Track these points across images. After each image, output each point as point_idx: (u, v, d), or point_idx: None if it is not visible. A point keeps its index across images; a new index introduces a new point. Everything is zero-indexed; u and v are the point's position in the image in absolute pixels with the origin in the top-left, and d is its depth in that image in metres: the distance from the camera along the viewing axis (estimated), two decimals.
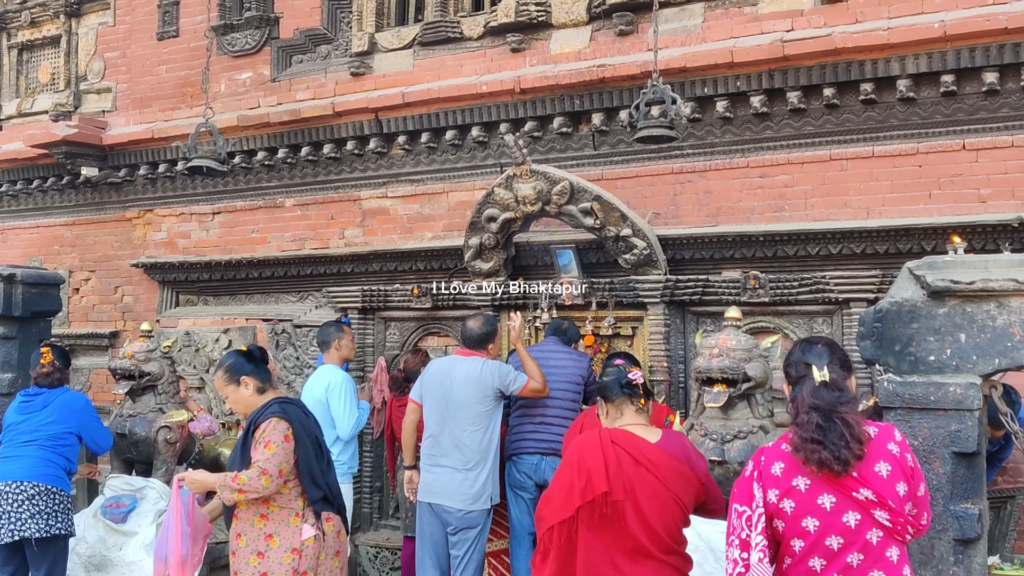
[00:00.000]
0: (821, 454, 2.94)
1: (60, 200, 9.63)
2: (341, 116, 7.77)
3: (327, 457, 4.72)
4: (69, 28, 9.75)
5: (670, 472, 3.73)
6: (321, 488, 4.57)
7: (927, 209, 6.01)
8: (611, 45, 6.96)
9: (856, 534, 2.96)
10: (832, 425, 2.95)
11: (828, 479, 2.98)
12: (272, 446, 4.36)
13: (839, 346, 3.35)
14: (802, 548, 3.00)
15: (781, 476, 3.06)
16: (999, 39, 5.62)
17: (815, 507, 2.99)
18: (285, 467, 4.38)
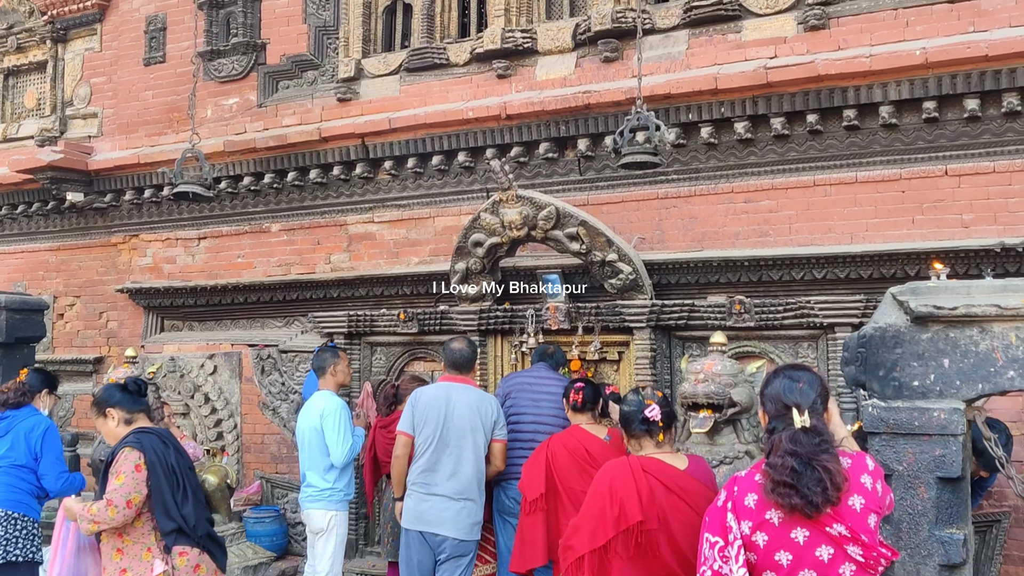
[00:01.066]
0: (793, 499, 2.92)
1: (45, 225, 9.62)
2: (327, 141, 7.79)
3: (188, 488, 4.57)
4: (55, 54, 9.77)
5: (701, 499, 3.71)
6: (174, 520, 4.45)
7: (910, 234, 6.04)
8: (596, 71, 7.00)
9: (829, 568, 2.95)
10: (811, 471, 2.92)
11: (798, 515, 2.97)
12: (121, 476, 4.33)
13: (820, 379, 3.30)
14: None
15: (754, 508, 3.04)
16: (980, 66, 5.67)
17: (788, 541, 2.98)
18: (135, 497, 4.33)
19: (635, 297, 6.52)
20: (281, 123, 8.11)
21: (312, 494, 6.02)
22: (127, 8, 9.21)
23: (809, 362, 6.21)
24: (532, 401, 5.96)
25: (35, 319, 7.39)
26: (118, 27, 9.32)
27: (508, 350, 7.11)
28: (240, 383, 8.45)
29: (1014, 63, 5.59)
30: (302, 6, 8.32)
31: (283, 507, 7.80)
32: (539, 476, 5.31)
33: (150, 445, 4.46)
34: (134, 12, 9.14)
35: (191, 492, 4.56)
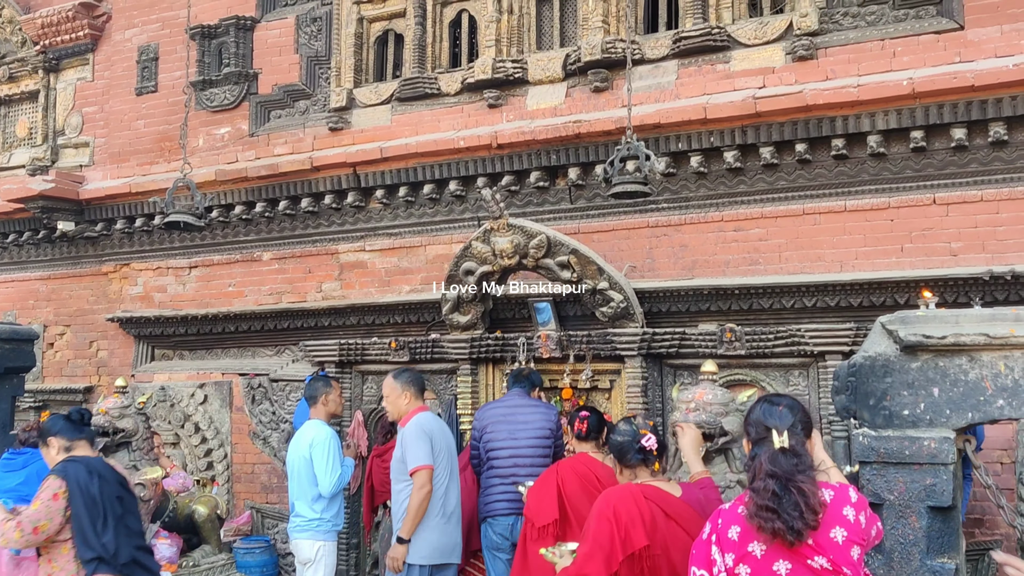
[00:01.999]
0: (775, 524, 2.93)
1: (36, 254, 9.59)
2: (319, 170, 7.79)
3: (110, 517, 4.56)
4: (47, 83, 9.79)
5: (696, 526, 3.72)
6: (94, 548, 4.46)
7: (899, 263, 6.07)
8: (586, 101, 7.03)
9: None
10: (788, 495, 2.93)
11: (781, 546, 2.97)
12: (37, 503, 4.43)
13: (801, 406, 3.32)
14: None
15: (737, 540, 3.04)
16: (966, 96, 5.72)
17: (771, 573, 2.97)
18: (44, 524, 4.39)
19: (626, 325, 6.53)
20: (273, 152, 8.13)
21: (300, 524, 5.99)
22: (119, 38, 9.24)
23: (800, 391, 6.24)
24: (509, 434, 5.91)
25: (25, 349, 7.36)
26: (110, 57, 9.35)
27: (499, 379, 7.09)
28: (231, 412, 8.42)
29: (1000, 93, 5.65)
30: (294, 36, 8.36)
31: (273, 537, 7.75)
32: (551, 502, 5.26)
33: (73, 474, 4.50)
34: (126, 42, 9.17)
35: (113, 521, 4.55)
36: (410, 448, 5.37)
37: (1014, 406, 3.47)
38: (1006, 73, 5.58)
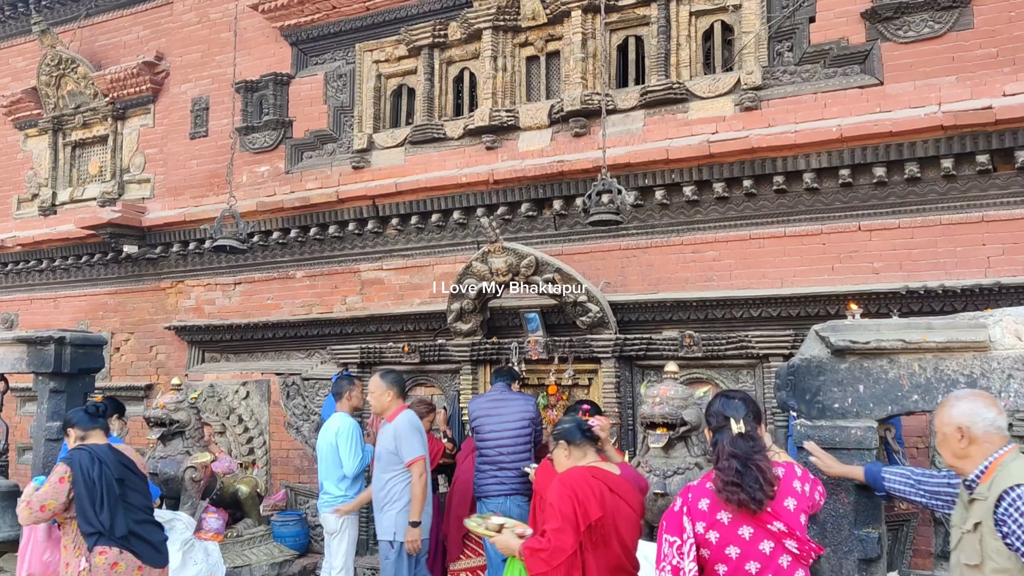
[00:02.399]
0: (740, 495, 2.98)
1: (104, 273, 9.55)
2: (344, 202, 7.78)
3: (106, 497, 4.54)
4: (115, 129, 9.77)
5: (635, 499, 3.74)
6: (92, 524, 4.45)
7: (830, 279, 6.07)
8: (568, 144, 7.02)
9: (770, 559, 3.00)
10: (748, 471, 2.99)
11: (745, 513, 3.01)
12: (46, 485, 4.46)
13: (753, 400, 3.38)
14: (725, 572, 3.03)
15: (707, 511, 3.07)
16: (885, 140, 5.75)
17: (736, 537, 3.01)
18: (51, 503, 4.43)
19: (602, 332, 6.52)
20: (305, 187, 8.10)
21: (328, 500, 5.97)
22: (176, 91, 9.23)
23: (748, 387, 6.23)
24: (494, 424, 5.83)
25: (95, 353, 7.34)
26: (168, 107, 9.33)
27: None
28: (269, 406, 8.38)
29: (914, 137, 5.68)
30: (323, 90, 8.35)
31: (305, 512, 7.70)
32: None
33: (78, 461, 4.51)
34: (182, 95, 9.16)
35: (111, 500, 4.53)
36: (406, 441, 5.28)
37: (926, 400, 3.50)
38: (918, 121, 5.62)
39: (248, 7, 8.38)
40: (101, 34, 9.93)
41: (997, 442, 2.88)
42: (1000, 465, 2.82)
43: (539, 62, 7.45)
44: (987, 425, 2.89)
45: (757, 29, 6.44)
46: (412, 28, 7.77)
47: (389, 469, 5.34)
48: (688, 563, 3.02)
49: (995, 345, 3.43)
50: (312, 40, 8.38)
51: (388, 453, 5.33)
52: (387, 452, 5.33)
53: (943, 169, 5.71)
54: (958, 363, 3.48)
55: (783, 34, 6.44)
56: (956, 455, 2.93)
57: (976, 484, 2.87)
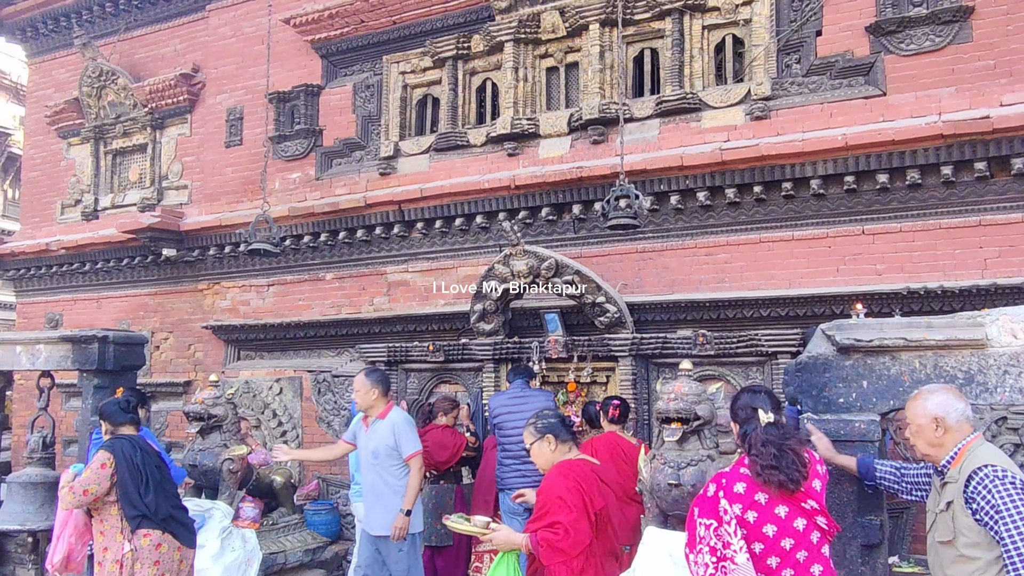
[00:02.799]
0: (779, 477, 3.02)
1: (145, 275, 9.60)
2: (371, 207, 7.82)
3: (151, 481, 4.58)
4: (154, 138, 9.81)
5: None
6: (137, 507, 4.49)
7: (835, 281, 6.10)
8: (587, 151, 7.06)
9: (803, 536, 3.03)
10: (784, 455, 3.04)
11: (782, 494, 3.05)
12: (88, 471, 4.48)
13: (773, 393, 3.44)
14: (762, 549, 3.03)
15: (744, 493, 3.08)
16: (888, 148, 5.78)
17: (774, 516, 3.04)
18: (93, 488, 4.44)
19: (619, 332, 6.57)
20: (334, 193, 8.14)
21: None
22: (212, 102, 9.29)
23: (757, 382, 6.20)
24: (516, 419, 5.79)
25: (136, 351, 7.36)
26: (204, 117, 9.39)
27: None
28: (301, 401, 8.43)
29: (915, 146, 5.72)
30: (351, 100, 8.41)
31: (336, 501, 7.74)
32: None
33: (119, 448, 4.57)
34: (217, 105, 9.23)
35: (154, 485, 4.58)
36: (406, 437, 5.24)
37: None
38: (919, 130, 5.65)
39: (281, 21, 8.45)
40: (140, 47, 10.02)
41: (966, 430, 3.04)
42: (968, 450, 2.99)
43: (558, 73, 7.50)
44: (959, 415, 3.04)
45: (767, 42, 6.49)
46: (437, 41, 7.84)
47: (389, 464, 5.25)
48: (737, 541, 3.01)
49: (992, 343, 3.44)
50: (341, 53, 8.45)
51: (388, 448, 5.23)
52: (387, 448, 5.23)
53: (943, 176, 5.73)
54: (956, 360, 3.50)
55: (791, 47, 6.47)
56: (931, 444, 3.08)
57: (947, 468, 3.03)
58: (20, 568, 6.91)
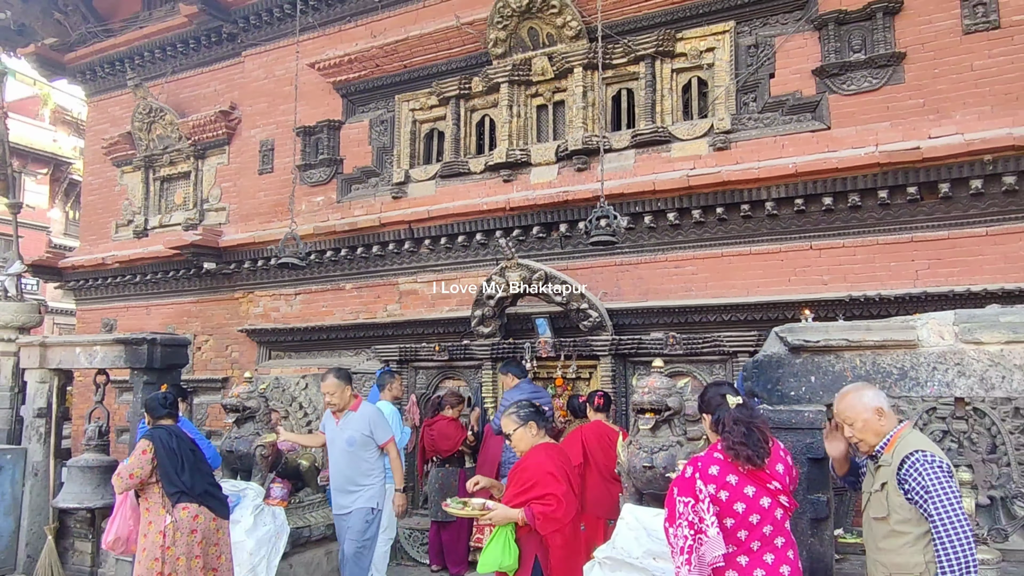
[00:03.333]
0: (747, 452, 3.00)
1: (188, 285, 9.59)
2: (385, 226, 7.83)
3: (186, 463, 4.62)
4: (196, 166, 9.81)
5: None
6: (176, 485, 4.53)
7: (787, 289, 6.11)
8: (572, 177, 7.07)
9: (768, 512, 3.01)
10: (752, 433, 3.02)
11: (751, 474, 3.01)
12: (131, 457, 4.54)
13: (735, 387, 3.47)
14: (732, 524, 3.01)
15: (717, 475, 3.05)
16: (832, 175, 5.80)
17: (743, 495, 3.01)
18: (137, 471, 4.49)
19: (600, 334, 6.56)
20: (353, 214, 8.15)
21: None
22: (247, 135, 9.30)
23: (719, 378, 6.20)
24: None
25: (181, 351, 7.32)
26: (240, 148, 9.40)
27: None
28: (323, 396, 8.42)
29: (855, 173, 5.74)
30: (368, 133, 8.42)
31: None
32: (578, 451, 5.29)
33: (158, 436, 4.61)
34: (252, 138, 9.23)
35: (189, 465, 4.61)
36: (380, 427, 5.18)
37: None
38: (859, 159, 5.68)
39: (307, 65, 8.47)
40: (184, 88, 10.04)
41: (895, 418, 3.06)
42: (900, 437, 2.98)
43: (547, 110, 7.52)
44: (888, 405, 3.06)
45: (727, 83, 6.53)
46: (442, 82, 7.87)
47: (364, 451, 5.16)
48: (710, 516, 2.99)
49: (922, 343, 3.41)
50: (359, 92, 8.47)
51: (364, 437, 5.14)
52: (362, 436, 5.14)
53: (879, 199, 5.76)
54: (892, 358, 3.47)
55: (748, 88, 6.50)
56: (877, 433, 3.03)
57: (881, 453, 3.01)
58: (79, 541, 6.89)
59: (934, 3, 5.80)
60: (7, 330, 8.10)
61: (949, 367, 3.34)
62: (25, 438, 7.22)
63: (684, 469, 3.21)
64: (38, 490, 7.01)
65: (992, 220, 5.55)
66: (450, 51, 7.79)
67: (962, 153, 5.41)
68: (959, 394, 3.34)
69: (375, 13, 8.36)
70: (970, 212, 5.59)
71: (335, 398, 5.15)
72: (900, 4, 5.89)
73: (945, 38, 5.75)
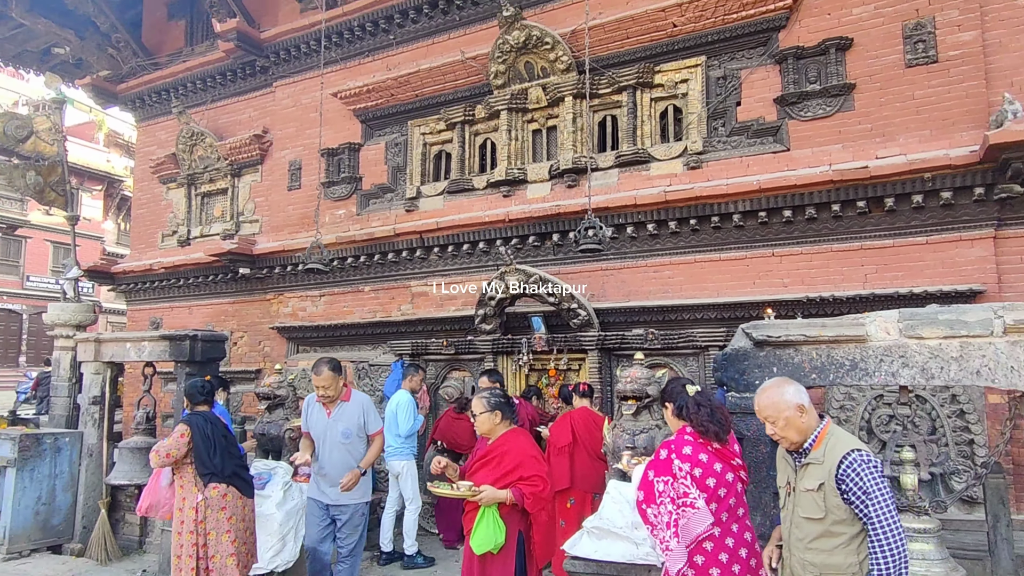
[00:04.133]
0: (714, 428, 2.99)
1: (225, 288, 9.58)
2: (399, 236, 7.82)
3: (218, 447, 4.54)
4: (233, 183, 9.81)
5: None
6: (208, 467, 4.48)
7: (752, 291, 6.11)
8: (563, 193, 7.07)
9: (732, 485, 2.99)
10: (715, 413, 3.01)
11: (717, 453, 2.97)
12: (170, 439, 4.49)
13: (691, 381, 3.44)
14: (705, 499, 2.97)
15: (691, 454, 3.01)
16: (791, 191, 5.81)
17: (713, 471, 2.98)
18: (173, 452, 4.44)
19: (588, 331, 6.55)
20: (371, 225, 8.13)
21: (390, 450, 6.03)
22: (277, 156, 9.28)
23: (694, 370, 6.22)
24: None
25: (219, 346, 7.28)
26: (272, 167, 9.38)
27: (510, 363, 7.12)
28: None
29: (811, 189, 5.74)
30: (384, 154, 8.40)
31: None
32: (567, 432, 5.27)
33: (194, 421, 4.57)
34: (282, 158, 9.21)
35: (220, 449, 4.56)
36: (374, 416, 4.59)
37: (821, 378, 3.49)
38: (815, 177, 5.69)
39: (330, 95, 8.47)
40: (222, 114, 10.03)
41: (816, 413, 2.72)
42: (828, 433, 2.64)
43: (542, 134, 7.51)
44: (809, 401, 2.71)
45: (699, 110, 6.53)
46: (449, 109, 7.86)
47: (359, 442, 4.55)
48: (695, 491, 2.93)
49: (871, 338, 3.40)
50: (376, 119, 8.46)
51: (359, 428, 4.53)
52: (358, 427, 4.53)
53: (833, 211, 5.76)
54: (844, 351, 3.46)
55: (717, 114, 6.50)
56: (800, 431, 2.67)
57: (810, 450, 2.65)
58: (129, 513, 6.88)
59: (880, 40, 5.81)
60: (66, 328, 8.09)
61: (894, 359, 3.34)
62: (81, 423, 7.21)
63: (658, 452, 3.15)
64: (93, 469, 6.99)
65: (931, 230, 5.56)
66: (456, 82, 7.79)
67: (905, 172, 5.42)
68: (903, 383, 3.34)
69: (390, 49, 8.36)
70: (912, 223, 5.60)
71: (330, 390, 4.49)
72: (850, 41, 5.90)
73: (890, 71, 5.76)
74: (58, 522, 6.83)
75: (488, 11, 7.65)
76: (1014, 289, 5.29)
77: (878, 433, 5.35)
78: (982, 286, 5.31)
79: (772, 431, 2.73)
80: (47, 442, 6.85)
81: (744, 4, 6.23)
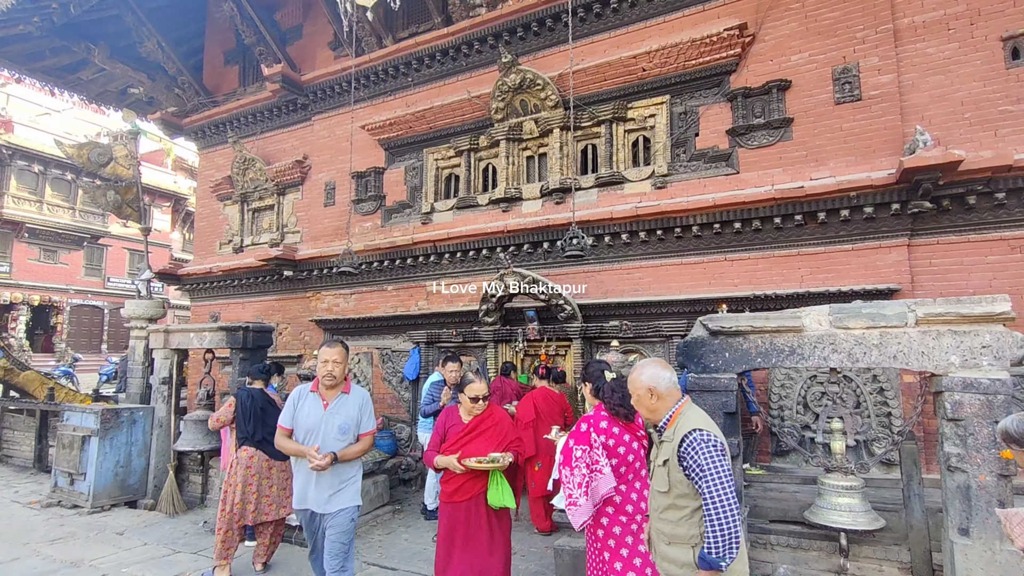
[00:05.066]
0: (624, 411, 3.02)
1: (272, 288, 9.55)
2: (416, 244, 7.80)
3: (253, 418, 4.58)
4: (278, 201, 9.78)
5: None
6: (242, 432, 4.62)
7: (709, 290, 6.09)
8: (552, 208, 7.05)
9: (637, 452, 3.03)
10: (626, 397, 3.01)
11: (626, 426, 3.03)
12: (221, 408, 4.78)
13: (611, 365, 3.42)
14: (616, 463, 2.99)
15: (606, 428, 3.03)
16: (741, 207, 5.81)
17: (623, 440, 3.01)
18: (223, 418, 4.80)
19: (573, 322, 6.55)
20: (393, 235, 8.11)
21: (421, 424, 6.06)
22: (316, 178, 9.25)
23: (661, 355, 6.20)
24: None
25: (267, 336, 7.26)
26: (310, 188, 9.36)
27: (508, 350, 7.10)
28: (372, 368, 8.37)
29: (757, 205, 5.74)
30: (403, 176, 8.36)
31: (393, 431, 7.69)
32: (531, 410, 5.28)
33: (240, 396, 4.73)
34: (319, 180, 9.17)
35: (255, 419, 4.63)
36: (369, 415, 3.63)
37: (765, 361, 3.49)
38: (760, 195, 5.68)
39: (359, 127, 8.44)
40: (270, 143, 10.00)
41: (676, 396, 2.54)
42: (680, 414, 2.50)
43: (534, 159, 7.49)
44: (668, 384, 2.52)
45: (664, 140, 6.52)
46: (457, 139, 7.83)
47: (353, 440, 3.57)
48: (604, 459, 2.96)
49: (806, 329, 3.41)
50: (397, 147, 8.43)
51: (356, 425, 3.58)
52: (355, 424, 3.57)
53: (775, 224, 5.76)
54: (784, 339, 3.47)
55: (680, 143, 6.49)
56: (649, 410, 2.55)
57: (664, 429, 2.53)
58: (192, 475, 6.87)
59: (813, 82, 5.81)
60: (140, 320, 8.06)
61: (826, 346, 3.34)
62: (153, 399, 7.20)
63: (578, 425, 3.10)
64: (162, 437, 6.98)
65: (856, 239, 5.55)
66: (463, 116, 7.78)
67: (834, 191, 5.43)
68: (833, 365, 3.34)
69: (409, 89, 8.34)
70: (840, 233, 5.60)
71: (339, 368, 3.53)
72: (789, 83, 5.90)
73: (822, 107, 5.76)
74: (134, 482, 6.82)
75: (490, 58, 7.65)
76: (924, 288, 5.29)
77: (812, 407, 5.36)
78: (898, 285, 5.31)
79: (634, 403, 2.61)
80: (124, 416, 6.85)
81: (701, 52, 6.23)
